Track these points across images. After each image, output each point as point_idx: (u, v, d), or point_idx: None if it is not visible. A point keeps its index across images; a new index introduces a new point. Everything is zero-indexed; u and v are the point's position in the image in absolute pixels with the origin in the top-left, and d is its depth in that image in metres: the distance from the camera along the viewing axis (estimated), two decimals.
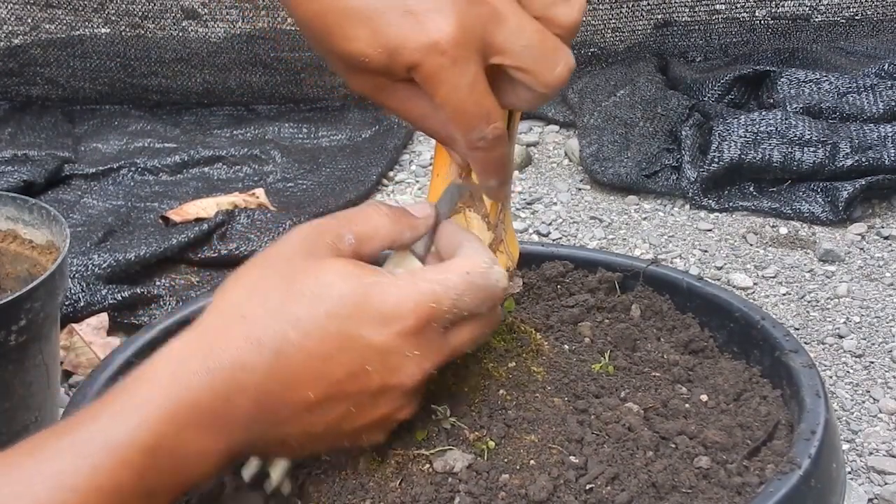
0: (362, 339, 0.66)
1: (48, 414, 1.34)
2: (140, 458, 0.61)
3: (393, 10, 0.66)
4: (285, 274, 0.68)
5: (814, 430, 0.75)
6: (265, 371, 0.65)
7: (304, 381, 0.65)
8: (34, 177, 1.98)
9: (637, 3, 2.49)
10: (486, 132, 0.69)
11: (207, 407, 0.64)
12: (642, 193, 2.02)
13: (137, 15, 2.40)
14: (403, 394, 0.68)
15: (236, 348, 0.65)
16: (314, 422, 0.67)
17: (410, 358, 0.67)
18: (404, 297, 0.67)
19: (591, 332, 0.90)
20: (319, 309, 0.66)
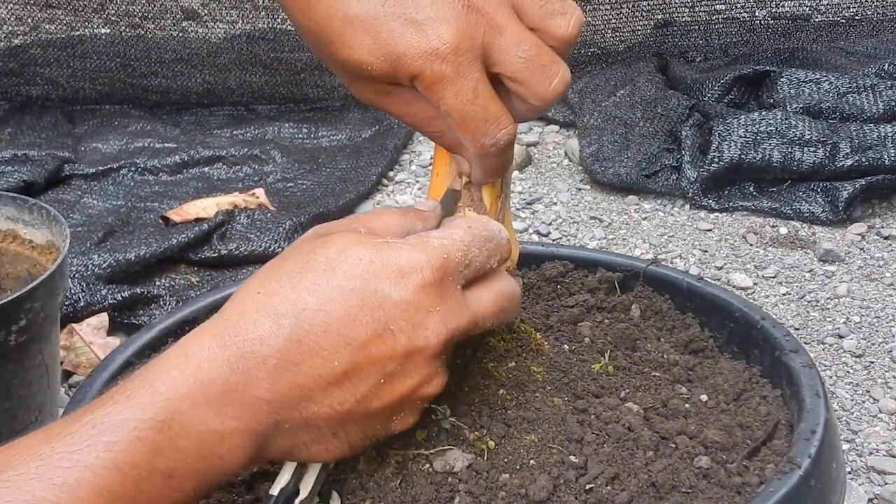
0: (382, 295, 0.65)
1: (48, 414, 1.34)
2: (154, 434, 0.60)
3: (394, 19, 0.67)
4: (299, 254, 0.67)
5: (814, 429, 0.75)
6: (284, 340, 0.63)
7: (327, 347, 0.63)
8: (34, 177, 1.98)
9: (637, 3, 2.49)
10: (498, 137, 0.70)
11: (224, 383, 0.62)
12: (642, 193, 2.02)
13: (137, 15, 2.40)
14: (430, 358, 0.66)
15: (252, 321, 0.63)
16: (343, 398, 0.65)
17: (432, 313, 0.66)
18: (417, 253, 0.66)
19: (591, 332, 0.90)
20: (336, 272, 0.65)
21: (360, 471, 0.74)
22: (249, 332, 0.63)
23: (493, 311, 0.70)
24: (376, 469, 0.74)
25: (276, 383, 0.63)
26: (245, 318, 0.64)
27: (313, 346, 0.63)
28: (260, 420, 0.63)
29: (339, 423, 0.66)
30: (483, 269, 0.69)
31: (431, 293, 0.66)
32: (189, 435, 0.61)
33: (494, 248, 0.70)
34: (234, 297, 0.66)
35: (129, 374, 0.90)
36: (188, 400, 0.61)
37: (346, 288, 0.64)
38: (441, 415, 0.75)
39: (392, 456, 0.74)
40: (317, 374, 0.63)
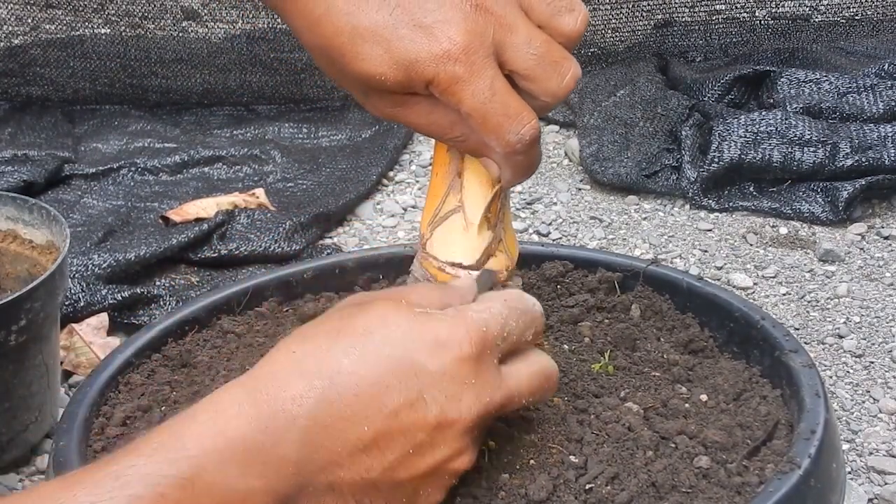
0: (418, 365, 0.64)
1: (48, 414, 1.34)
2: (177, 492, 0.58)
3: (403, 26, 0.67)
4: (338, 317, 0.67)
5: (814, 429, 0.75)
6: (316, 401, 0.62)
7: (359, 411, 0.62)
8: (34, 177, 1.98)
9: (637, 3, 2.49)
10: (523, 132, 0.69)
11: (252, 441, 0.60)
12: (642, 193, 2.02)
13: (137, 15, 2.40)
14: (462, 432, 0.65)
15: (285, 380, 0.62)
16: (370, 464, 0.63)
17: (468, 386, 0.65)
18: (456, 325, 0.66)
19: (591, 331, 0.90)
20: (374, 338, 0.64)
21: None
22: (281, 390, 0.62)
23: (529, 388, 0.70)
24: None
25: (304, 444, 0.62)
26: (278, 377, 0.63)
27: (344, 410, 0.62)
28: (284, 481, 0.61)
29: (363, 492, 0.64)
30: (519, 342, 0.69)
31: (468, 366, 0.65)
32: (212, 493, 0.59)
33: (530, 321, 0.70)
34: (269, 356, 0.65)
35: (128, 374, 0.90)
36: (214, 457, 0.60)
37: (383, 354, 0.64)
38: None
39: None
40: (345, 438, 0.62)
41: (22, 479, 1.34)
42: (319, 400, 0.62)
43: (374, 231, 1.91)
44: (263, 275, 1.02)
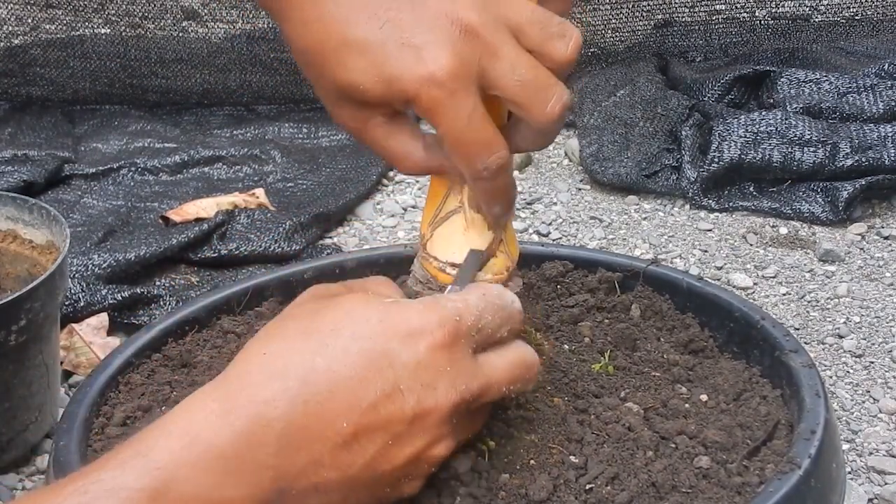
0: (391, 355, 0.64)
1: (48, 414, 1.34)
2: (147, 503, 0.57)
3: (391, 43, 0.67)
4: (304, 315, 0.67)
5: (814, 429, 0.75)
6: (290, 401, 0.61)
7: (336, 408, 0.62)
8: (34, 177, 1.98)
9: (637, 3, 2.49)
10: (489, 162, 0.70)
11: (227, 448, 0.59)
12: (642, 193, 2.02)
13: (137, 15, 2.40)
14: (439, 421, 0.65)
15: (257, 383, 0.62)
16: (351, 460, 0.63)
17: (443, 373, 0.65)
18: (428, 313, 0.66)
19: (591, 332, 0.90)
20: (344, 333, 0.64)
21: None
22: (254, 395, 0.61)
23: (507, 377, 0.69)
24: None
25: (282, 448, 0.61)
26: (249, 381, 0.62)
27: (321, 409, 0.62)
28: (263, 488, 0.61)
29: (348, 487, 0.64)
30: (494, 336, 0.69)
31: (442, 354, 0.65)
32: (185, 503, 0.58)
33: (507, 316, 0.70)
34: (237, 360, 0.65)
35: (128, 374, 0.90)
36: (186, 468, 0.58)
37: (355, 349, 0.63)
38: None
39: None
40: (325, 437, 0.62)
41: (22, 479, 1.34)
42: (293, 401, 0.61)
43: (374, 231, 1.91)
44: (263, 275, 1.02)
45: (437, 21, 0.67)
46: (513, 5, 0.69)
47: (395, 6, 0.67)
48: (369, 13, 0.67)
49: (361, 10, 0.67)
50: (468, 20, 0.67)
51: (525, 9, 0.69)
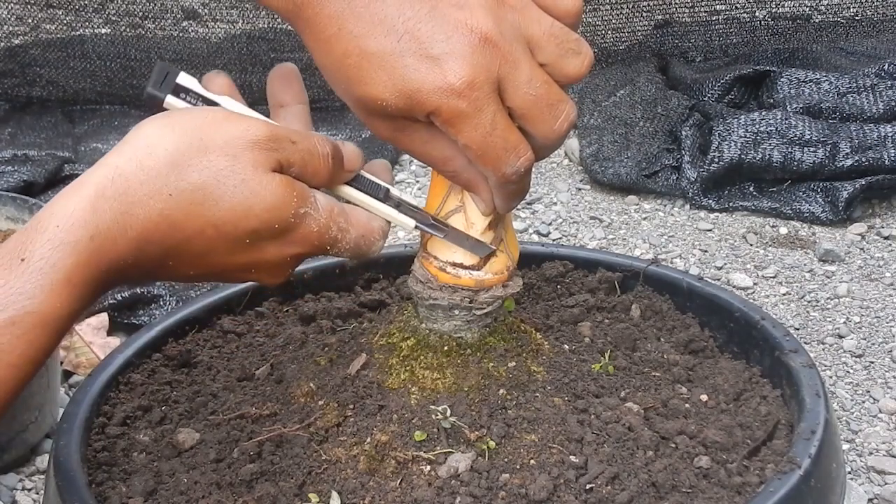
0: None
1: (48, 414, 1.34)
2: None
3: (409, 55, 0.67)
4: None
5: (814, 429, 0.75)
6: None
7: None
8: (34, 177, 1.98)
9: (637, 3, 2.49)
10: (518, 165, 0.70)
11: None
12: (642, 193, 2.02)
13: (138, 15, 2.40)
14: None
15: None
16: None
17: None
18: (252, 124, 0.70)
19: (591, 332, 0.90)
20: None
21: (360, 471, 0.74)
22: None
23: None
24: (376, 469, 0.74)
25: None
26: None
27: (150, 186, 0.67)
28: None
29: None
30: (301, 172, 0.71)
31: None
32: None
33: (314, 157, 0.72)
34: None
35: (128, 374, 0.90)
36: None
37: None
38: (441, 415, 0.75)
39: (392, 456, 0.74)
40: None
41: (22, 479, 1.34)
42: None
43: None
44: None
45: (457, 31, 0.67)
46: (531, 18, 0.69)
47: (412, 18, 0.67)
48: (387, 26, 0.67)
49: (379, 24, 0.67)
50: (487, 30, 0.67)
51: (543, 22, 0.70)
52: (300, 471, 0.75)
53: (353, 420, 0.77)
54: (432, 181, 0.79)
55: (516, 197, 0.75)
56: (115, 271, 0.67)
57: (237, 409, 0.82)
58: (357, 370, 0.80)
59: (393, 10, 0.67)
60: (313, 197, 0.70)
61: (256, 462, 0.76)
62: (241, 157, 0.68)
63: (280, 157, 0.69)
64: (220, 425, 0.81)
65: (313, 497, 0.73)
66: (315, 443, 0.77)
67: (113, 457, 0.81)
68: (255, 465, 0.76)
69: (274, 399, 0.82)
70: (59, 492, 0.75)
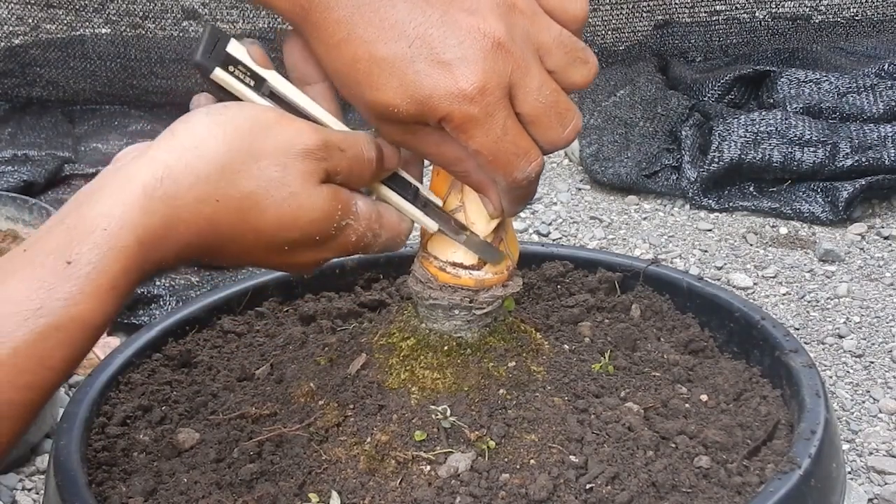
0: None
1: (48, 414, 1.34)
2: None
3: (421, 60, 0.66)
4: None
5: (814, 429, 0.75)
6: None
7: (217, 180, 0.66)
8: (34, 177, 1.98)
9: (637, 3, 2.49)
10: (529, 170, 0.70)
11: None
12: (642, 193, 2.02)
13: (138, 15, 2.40)
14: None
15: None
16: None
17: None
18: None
19: (591, 331, 0.90)
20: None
21: (360, 471, 0.74)
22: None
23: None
24: (376, 469, 0.74)
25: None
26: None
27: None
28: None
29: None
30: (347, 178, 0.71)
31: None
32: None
33: (360, 162, 0.71)
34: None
35: (128, 374, 0.90)
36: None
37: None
38: (441, 415, 0.75)
39: (392, 456, 0.74)
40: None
41: (22, 479, 1.34)
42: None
43: None
44: (263, 275, 1.02)
45: (469, 36, 0.66)
46: (540, 25, 0.69)
47: (424, 23, 0.67)
48: (398, 31, 0.67)
49: (390, 29, 0.67)
50: (499, 36, 0.67)
51: (552, 30, 0.70)
52: (300, 471, 0.75)
53: (353, 420, 0.77)
54: (433, 180, 0.79)
55: (524, 200, 0.75)
56: (155, 271, 0.66)
57: (237, 409, 0.82)
58: (357, 370, 0.80)
59: (404, 15, 0.67)
60: (355, 206, 0.70)
61: (256, 462, 0.76)
62: (292, 168, 0.67)
63: (329, 167, 0.69)
64: (220, 425, 0.81)
65: (313, 497, 0.73)
66: (315, 443, 0.77)
67: (113, 457, 0.81)
68: (255, 465, 0.76)
69: (274, 399, 0.82)
70: (59, 492, 0.75)
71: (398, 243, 0.75)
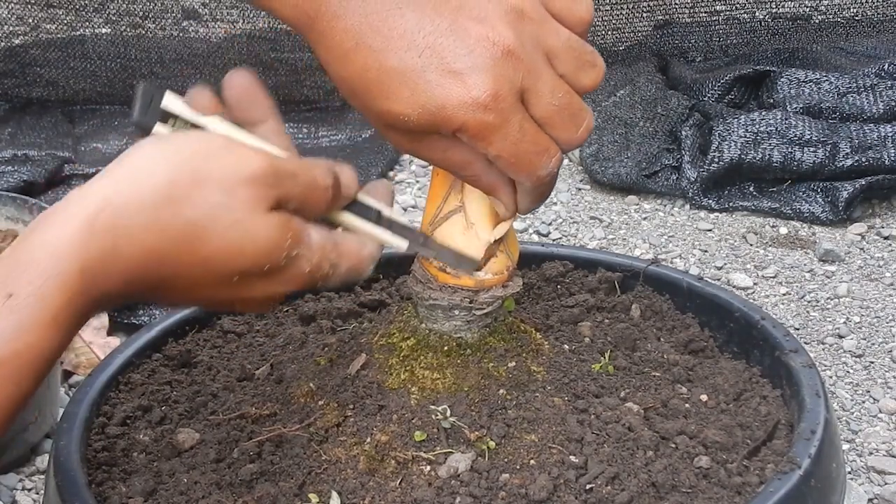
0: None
1: (48, 414, 1.34)
2: None
3: (432, 70, 0.66)
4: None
5: (814, 429, 0.75)
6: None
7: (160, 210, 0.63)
8: (34, 177, 1.98)
9: (637, 3, 2.49)
10: (552, 166, 0.70)
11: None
12: (642, 193, 2.02)
13: (138, 15, 2.40)
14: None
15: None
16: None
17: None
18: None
19: (591, 332, 0.90)
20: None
21: (360, 471, 0.74)
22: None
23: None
24: (376, 469, 0.74)
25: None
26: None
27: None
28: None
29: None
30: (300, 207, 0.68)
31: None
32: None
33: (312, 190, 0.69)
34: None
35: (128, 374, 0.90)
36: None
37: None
38: (441, 415, 0.75)
39: (392, 456, 0.74)
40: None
41: (22, 479, 1.34)
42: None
43: None
44: None
45: (479, 44, 0.66)
46: (549, 30, 0.69)
47: (433, 32, 0.67)
48: (407, 41, 0.67)
49: (399, 38, 0.67)
50: (509, 43, 0.67)
51: (561, 34, 0.70)
52: (300, 471, 0.75)
53: (353, 420, 0.77)
54: (432, 181, 0.79)
55: (544, 197, 0.75)
56: (102, 302, 0.64)
57: (237, 409, 0.82)
58: (357, 370, 0.80)
59: (412, 25, 0.66)
60: (308, 235, 0.68)
61: (256, 462, 0.76)
62: (237, 194, 0.64)
63: (279, 194, 0.66)
64: (220, 425, 0.81)
65: (313, 497, 0.73)
66: (315, 443, 0.77)
67: (113, 457, 0.81)
68: (255, 465, 0.76)
69: (274, 399, 0.83)
70: (59, 492, 0.75)
71: (361, 271, 0.72)
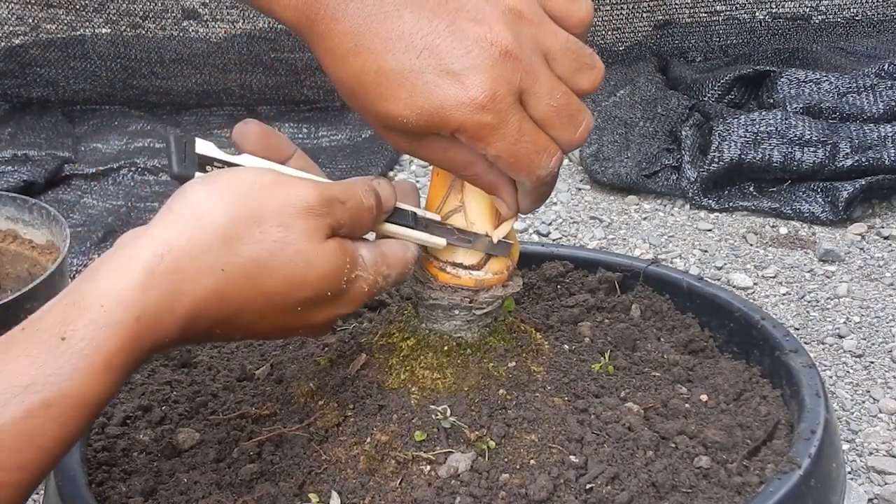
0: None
1: None
2: None
3: (430, 71, 0.66)
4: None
5: (814, 429, 0.75)
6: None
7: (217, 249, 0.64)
8: (34, 177, 1.98)
9: (637, 3, 2.49)
10: (552, 165, 0.70)
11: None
12: (642, 193, 2.02)
13: (138, 15, 2.40)
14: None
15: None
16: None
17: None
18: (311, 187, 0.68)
19: (591, 332, 0.90)
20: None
21: (360, 471, 0.74)
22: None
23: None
24: (376, 469, 0.74)
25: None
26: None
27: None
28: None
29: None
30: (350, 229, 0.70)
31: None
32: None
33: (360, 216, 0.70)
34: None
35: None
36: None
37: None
38: (441, 415, 0.75)
39: (392, 456, 0.74)
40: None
41: None
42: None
43: None
44: None
45: (476, 45, 0.66)
46: (547, 31, 0.69)
47: (431, 33, 0.67)
48: (405, 42, 0.67)
49: (397, 40, 0.67)
50: (507, 44, 0.67)
51: (559, 36, 0.70)
52: (300, 471, 0.75)
53: (353, 420, 0.77)
54: (432, 181, 0.79)
55: (545, 197, 0.75)
56: (158, 349, 0.64)
57: (237, 409, 0.82)
58: (357, 370, 0.80)
59: (410, 26, 0.67)
60: (361, 256, 0.70)
61: (256, 462, 0.76)
62: (295, 227, 0.66)
63: (332, 221, 0.68)
64: (220, 425, 0.81)
65: (313, 497, 0.73)
66: (315, 443, 0.77)
67: (113, 457, 0.81)
68: (255, 465, 0.76)
69: (274, 399, 0.83)
70: (59, 492, 0.75)
71: (407, 274, 0.74)
